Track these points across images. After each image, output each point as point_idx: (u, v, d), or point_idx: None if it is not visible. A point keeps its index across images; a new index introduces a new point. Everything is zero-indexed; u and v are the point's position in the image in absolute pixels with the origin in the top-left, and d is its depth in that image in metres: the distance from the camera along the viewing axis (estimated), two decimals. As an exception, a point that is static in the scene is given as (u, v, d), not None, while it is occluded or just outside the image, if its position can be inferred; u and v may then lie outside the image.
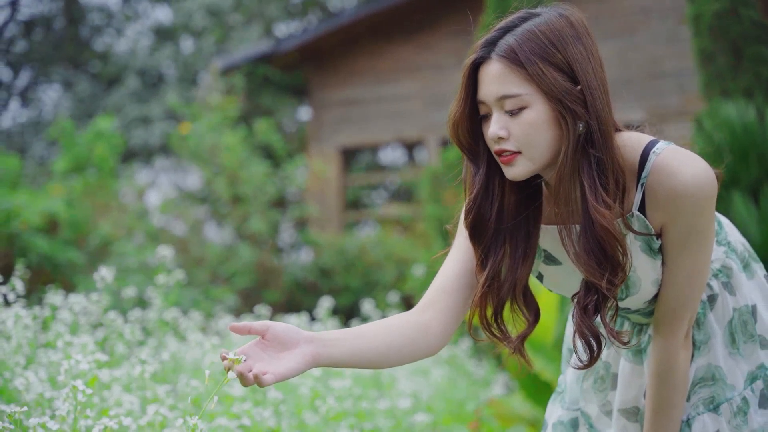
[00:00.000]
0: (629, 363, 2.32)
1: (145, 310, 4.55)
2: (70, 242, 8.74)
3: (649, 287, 2.15)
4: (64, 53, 22.01)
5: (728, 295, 2.27)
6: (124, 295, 4.70)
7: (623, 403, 2.33)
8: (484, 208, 2.11)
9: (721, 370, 2.25)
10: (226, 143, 10.78)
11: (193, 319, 4.64)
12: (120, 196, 11.38)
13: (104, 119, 10.68)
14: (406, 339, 2.09)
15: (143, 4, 22.07)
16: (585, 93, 1.99)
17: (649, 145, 2.07)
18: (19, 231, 7.74)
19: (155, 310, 4.49)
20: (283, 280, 11.29)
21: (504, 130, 2.00)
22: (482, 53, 2.02)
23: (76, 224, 8.98)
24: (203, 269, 10.64)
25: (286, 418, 3.58)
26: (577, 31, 2.02)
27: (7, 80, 23.06)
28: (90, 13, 22.78)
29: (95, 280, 3.74)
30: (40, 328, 3.72)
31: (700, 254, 2.09)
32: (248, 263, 10.69)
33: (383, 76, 12.32)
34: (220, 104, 11.34)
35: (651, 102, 10.60)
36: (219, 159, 10.94)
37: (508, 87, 1.98)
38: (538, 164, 2.03)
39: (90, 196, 9.90)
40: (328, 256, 11.42)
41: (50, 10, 23.01)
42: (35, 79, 22.85)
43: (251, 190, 10.92)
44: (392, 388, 4.87)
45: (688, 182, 2.00)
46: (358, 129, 12.34)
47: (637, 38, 10.92)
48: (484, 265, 2.13)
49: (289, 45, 12.75)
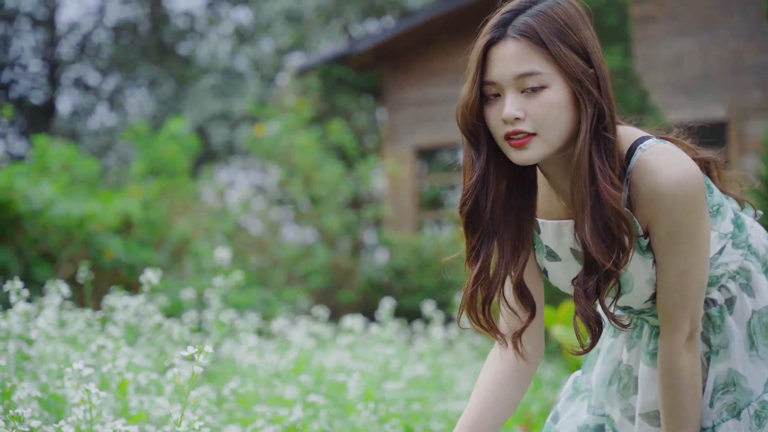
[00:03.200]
0: (648, 367, 2.27)
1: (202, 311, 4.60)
2: (146, 243, 8.87)
3: (644, 286, 2.12)
4: (148, 57, 22.45)
5: (747, 296, 2.21)
6: (184, 296, 4.75)
7: (644, 407, 2.29)
8: (481, 197, 2.08)
9: (741, 375, 2.19)
10: (300, 144, 10.85)
11: (250, 320, 4.66)
12: (200, 197, 11.52)
13: (176, 121, 10.82)
14: (515, 389, 2.21)
15: (225, 8, 22.38)
16: (598, 75, 1.99)
17: (637, 141, 2.04)
18: (94, 233, 7.88)
19: (213, 312, 4.53)
20: (357, 280, 11.32)
21: (521, 111, 1.96)
22: (496, 33, 1.99)
23: (152, 225, 9.12)
24: (279, 269, 10.73)
25: (336, 420, 3.58)
26: (583, 17, 2.02)
27: (95, 84, 23.62)
28: (175, 18, 23.20)
29: (141, 282, 3.77)
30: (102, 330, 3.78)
31: (690, 255, 2.04)
32: (323, 263, 10.74)
33: (458, 75, 12.23)
34: (295, 105, 11.41)
35: (732, 98, 10.34)
36: (293, 160, 11.01)
37: (529, 65, 1.95)
38: (553, 148, 2.00)
39: (167, 198, 10.05)
40: (402, 256, 11.40)
41: (136, 15, 23.48)
42: (122, 83, 23.35)
43: (325, 191, 10.97)
44: (451, 390, 4.83)
45: (668, 181, 1.96)
46: (433, 129, 12.28)
47: (718, 33, 10.64)
48: (476, 257, 2.13)
49: (364, 45, 12.76)
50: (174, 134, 10.46)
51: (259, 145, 11.34)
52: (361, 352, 4.91)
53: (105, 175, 14.09)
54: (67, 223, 7.63)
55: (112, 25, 23.55)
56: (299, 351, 4.49)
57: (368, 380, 4.16)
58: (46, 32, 23.47)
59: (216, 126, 18.34)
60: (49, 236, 7.52)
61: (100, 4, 23.66)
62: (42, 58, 23.53)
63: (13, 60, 23.05)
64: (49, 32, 23.47)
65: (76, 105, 23.59)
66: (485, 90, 2.02)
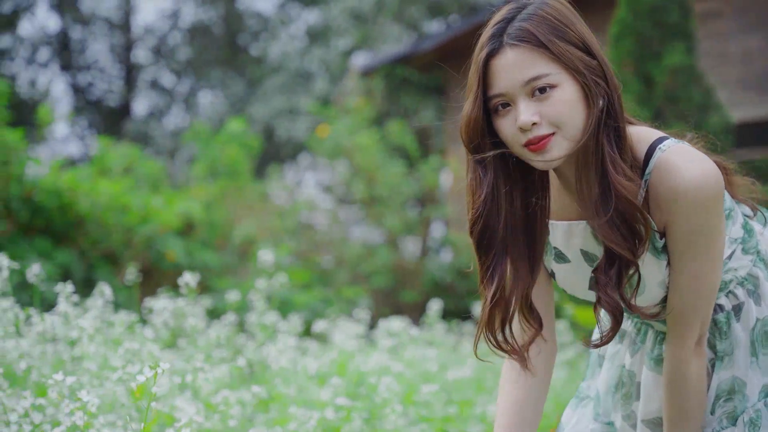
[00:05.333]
0: (652, 373, 2.25)
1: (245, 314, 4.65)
2: (207, 244, 8.98)
3: (656, 288, 2.09)
4: (221, 58, 22.76)
5: (753, 304, 2.18)
6: (229, 298, 4.80)
7: (647, 414, 2.26)
8: (492, 215, 2.05)
9: (744, 383, 2.16)
10: (361, 144, 10.89)
11: (293, 322, 4.70)
12: (268, 197, 11.63)
13: (236, 121, 10.93)
14: (539, 404, 2.22)
15: (296, 9, 22.57)
16: (603, 66, 1.98)
17: (656, 141, 2.01)
18: (155, 234, 8.01)
19: (257, 314, 4.57)
20: (421, 280, 11.31)
21: (536, 115, 1.94)
22: (493, 44, 1.98)
23: (214, 226, 9.22)
24: (344, 269, 10.79)
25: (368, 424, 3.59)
26: (573, 13, 2.01)
27: (170, 86, 24.02)
28: (249, 20, 23.47)
29: (179, 285, 3.83)
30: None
31: (705, 258, 2.01)
32: (386, 263, 10.76)
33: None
34: (356, 106, 11.45)
35: (802, 95, 10.09)
36: (355, 160, 11.06)
37: (535, 69, 1.94)
38: (574, 143, 1.97)
39: (229, 198, 10.15)
40: (465, 257, 11.36)
41: (210, 17, 23.82)
42: (196, 85, 23.72)
43: (387, 191, 10.99)
44: (493, 393, 4.80)
45: (689, 182, 1.94)
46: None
47: (787, 28, 10.39)
48: (491, 279, 2.08)
49: (428, 45, 12.74)
50: (234, 134, 10.56)
51: (322, 145, 11.42)
52: (406, 355, 4.90)
53: (172, 176, 14.32)
54: (127, 224, 7.76)
55: (186, 27, 23.95)
56: (339, 353, 4.50)
57: (404, 383, 4.16)
58: (122, 36, 23.96)
59: (282, 122, 18.52)
60: (110, 237, 7.66)
61: (174, 8, 24.07)
62: (118, 61, 24.02)
63: (91, 63, 23.57)
64: (125, 36, 23.96)
65: (152, 107, 24.03)
66: (493, 103, 1.99)
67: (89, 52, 23.59)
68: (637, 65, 7.42)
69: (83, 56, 23.46)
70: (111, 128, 22.03)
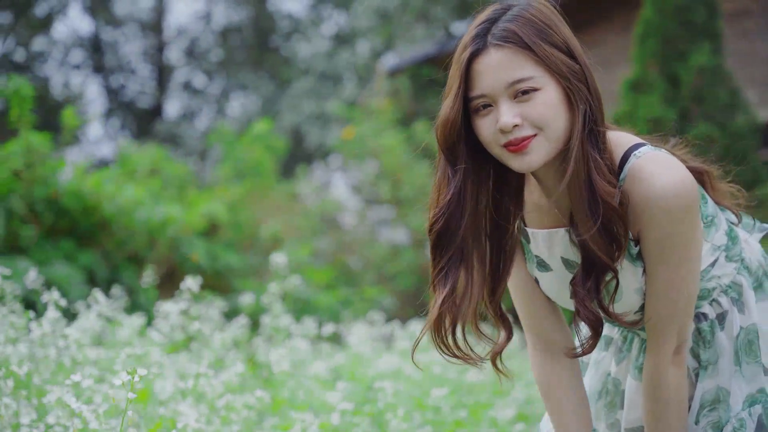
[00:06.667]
0: (635, 381, 2.23)
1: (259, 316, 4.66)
2: (232, 246, 9.01)
3: (633, 295, 2.07)
4: (251, 59, 22.85)
5: (737, 312, 2.15)
6: (242, 301, 4.83)
7: (629, 422, 2.25)
8: (454, 216, 2.02)
9: (728, 392, 2.14)
10: (386, 145, 10.89)
11: (307, 325, 4.71)
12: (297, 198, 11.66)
13: (262, 123, 10.96)
14: (580, 387, 2.25)
15: (327, 10, 22.61)
16: (585, 71, 1.96)
17: (632, 148, 1.99)
18: (179, 236, 8.05)
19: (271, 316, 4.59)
20: (446, 282, 11.26)
21: (518, 118, 1.93)
22: (477, 44, 1.95)
23: (238, 227, 9.25)
24: (370, 270, 10.80)
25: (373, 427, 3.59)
26: (557, 16, 1.99)
27: (201, 87, 24.16)
28: (281, 21, 23.55)
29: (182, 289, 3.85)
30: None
31: (680, 266, 1.99)
32: (410, 264, 10.76)
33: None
34: (381, 107, 11.46)
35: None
36: (380, 160, 11.07)
37: (520, 71, 1.92)
38: (555, 146, 1.95)
39: (254, 199, 10.18)
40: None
41: (241, 19, 23.93)
42: (227, 86, 23.84)
43: (413, 192, 10.99)
44: (507, 396, 4.78)
45: (660, 190, 1.92)
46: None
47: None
48: (444, 282, 2.04)
49: (454, 46, 12.69)
50: (259, 136, 10.59)
51: (348, 146, 11.44)
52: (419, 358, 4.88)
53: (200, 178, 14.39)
54: (150, 227, 7.81)
55: (219, 29, 24.07)
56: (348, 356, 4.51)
57: (415, 386, 4.16)
58: (155, 37, 24.13)
59: (311, 126, 18.56)
60: (135, 239, 7.71)
61: (206, 9, 24.21)
62: (150, 62, 24.19)
63: (123, 65, 23.77)
64: (157, 37, 24.13)
65: (183, 108, 24.19)
66: (474, 103, 1.97)
67: (121, 54, 23.79)
68: (662, 65, 7.37)
69: (116, 58, 23.66)
70: (143, 129, 22.20)
